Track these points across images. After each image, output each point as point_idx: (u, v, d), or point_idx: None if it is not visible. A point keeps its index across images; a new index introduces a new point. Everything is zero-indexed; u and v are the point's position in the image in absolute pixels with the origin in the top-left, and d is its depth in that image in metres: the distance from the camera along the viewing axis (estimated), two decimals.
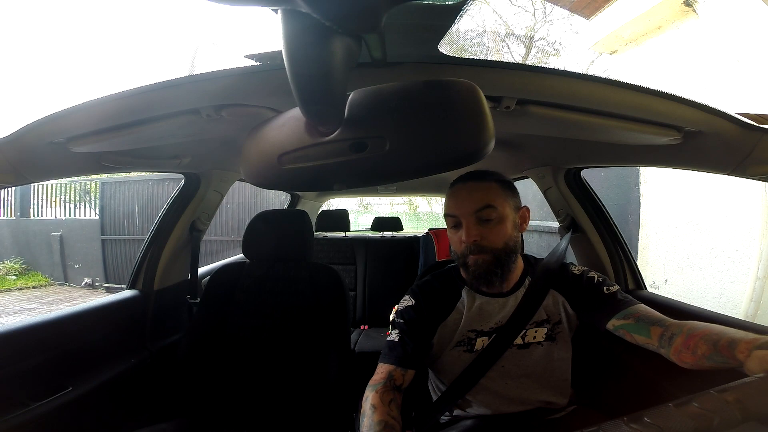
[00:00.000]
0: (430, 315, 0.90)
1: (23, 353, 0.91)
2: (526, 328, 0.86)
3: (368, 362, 0.97)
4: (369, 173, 0.44)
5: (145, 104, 0.70)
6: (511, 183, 0.90)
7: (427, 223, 11.07)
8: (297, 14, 0.29)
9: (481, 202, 0.83)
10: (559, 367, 0.88)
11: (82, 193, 7.01)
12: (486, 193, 0.84)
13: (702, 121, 0.68)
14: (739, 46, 2.59)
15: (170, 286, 1.37)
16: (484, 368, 0.85)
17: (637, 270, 1.27)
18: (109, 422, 1.05)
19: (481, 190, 0.84)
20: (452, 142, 0.40)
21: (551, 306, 0.88)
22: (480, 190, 0.84)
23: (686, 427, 0.37)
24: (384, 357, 0.86)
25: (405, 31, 0.53)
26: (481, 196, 0.83)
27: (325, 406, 1.08)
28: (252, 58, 0.61)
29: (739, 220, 2.56)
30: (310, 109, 0.40)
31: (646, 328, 0.74)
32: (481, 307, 0.89)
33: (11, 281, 6.64)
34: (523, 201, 0.91)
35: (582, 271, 0.90)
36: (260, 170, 0.48)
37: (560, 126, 0.79)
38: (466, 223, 0.83)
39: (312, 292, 1.18)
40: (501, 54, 8.50)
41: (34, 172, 0.82)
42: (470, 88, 0.41)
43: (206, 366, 1.14)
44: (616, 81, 0.65)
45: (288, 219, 1.30)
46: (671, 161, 0.90)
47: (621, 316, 0.79)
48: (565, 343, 0.89)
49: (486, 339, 0.87)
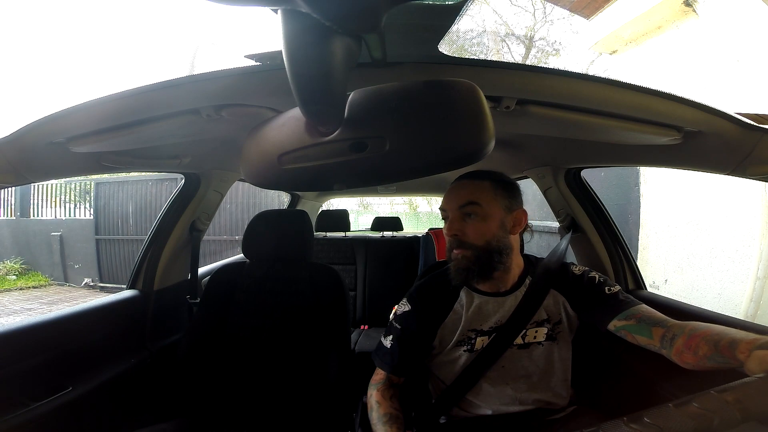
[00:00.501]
0: (429, 319, 0.90)
1: (23, 353, 0.91)
2: (526, 328, 0.86)
3: (368, 362, 0.98)
4: (369, 173, 0.44)
5: (145, 104, 0.70)
6: (511, 184, 0.89)
7: (427, 223, 11.06)
8: (297, 14, 0.29)
9: (465, 198, 0.85)
10: (559, 367, 0.88)
11: (81, 193, 7.02)
12: (473, 191, 0.86)
13: (702, 121, 0.68)
14: (739, 46, 2.59)
15: (170, 286, 1.37)
16: (484, 368, 0.85)
17: (637, 270, 1.27)
18: (109, 422, 1.05)
19: (470, 187, 0.86)
20: (452, 142, 0.40)
21: (552, 306, 0.88)
22: (468, 187, 0.87)
23: (686, 427, 0.37)
24: (379, 362, 0.94)
25: (405, 31, 0.53)
26: (467, 193, 0.86)
27: (325, 406, 1.07)
28: (252, 58, 0.61)
29: (739, 220, 2.56)
30: (310, 109, 0.40)
31: (648, 329, 0.74)
32: (479, 306, 0.89)
33: (11, 281, 6.64)
34: (523, 201, 0.91)
35: (583, 272, 0.90)
36: (260, 170, 0.48)
37: (560, 126, 0.79)
38: (450, 217, 0.87)
39: (312, 292, 1.18)
40: (501, 54, 8.50)
41: (34, 172, 0.82)
42: (470, 88, 0.41)
43: (206, 366, 1.14)
44: (616, 81, 0.65)
45: (288, 219, 1.30)
46: (671, 161, 0.90)
47: (623, 316, 0.78)
48: (565, 343, 0.89)
49: (486, 338, 0.87)
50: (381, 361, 0.93)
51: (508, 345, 0.85)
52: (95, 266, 6.64)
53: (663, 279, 3.08)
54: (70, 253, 6.80)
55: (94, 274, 6.66)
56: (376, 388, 0.89)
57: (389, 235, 2.83)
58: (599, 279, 0.88)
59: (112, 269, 6.58)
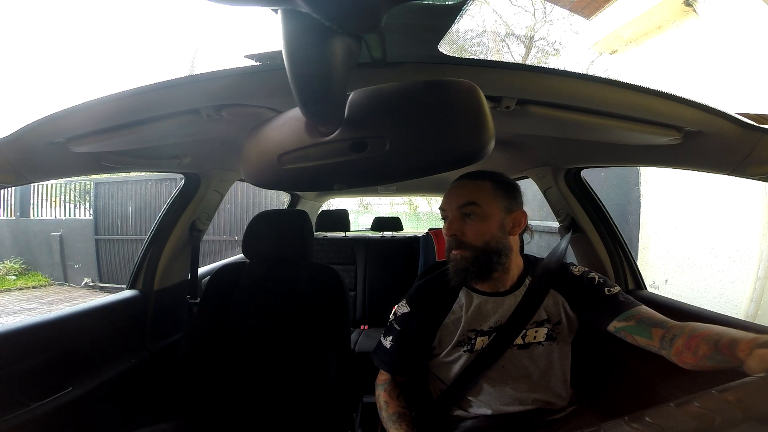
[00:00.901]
0: (428, 320, 0.91)
1: (23, 353, 0.91)
2: (526, 328, 0.86)
3: (368, 362, 0.98)
4: (369, 173, 0.44)
5: (145, 104, 0.70)
6: (511, 185, 0.89)
7: (427, 224, 11.06)
8: (297, 14, 0.29)
9: (465, 199, 0.85)
10: (559, 367, 0.88)
11: (81, 193, 7.02)
12: (473, 191, 0.86)
13: (702, 121, 0.68)
14: (739, 46, 2.59)
15: (170, 286, 1.37)
16: (484, 368, 0.85)
17: (637, 270, 1.27)
18: (109, 422, 1.05)
19: (470, 187, 0.86)
20: (452, 142, 0.40)
21: (551, 306, 0.88)
22: (468, 187, 0.87)
23: (688, 427, 0.36)
24: (378, 362, 0.96)
25: (405, 31, 0.53)
26: (467, 193, 0.86)
27: (325, 406, 1.07)
28: (252, 58, 0.61)
29: (740, 220, 2.56)
30: (310, 109, 0.40)
31: (648, 330, 0.73)
32: (479, 306, 0.89)
33: (11, 281, 6.64)
34: (523, 201, 0.91)
35: (582, 272, 0.90)
36: (260, 170, 0.48)
37: (560, 126, 0.79)
38: (450, 217, 0.87)
39: (312, 292, 1.18)
40: (501, 54, 8.50)
41: (34, 172, 0.82)
42: (470, 88, 0.41)
43: (206, 366, 1.14)
44: (616, 81, 0.65)
45: (288, 219, 1.30)
46: (671, 161, 0.90)
47: (622, 318, 0.78)
48: (565, 343, 0.89)
49: (486, 338, 0.87)
50: (380, 361, 0.95)
51: (508, 345, 0.85)
52: (95, 266, 6.65)
53: (663, 279, 3.08)
54: (70, 253, 6.81)
55: (93, 274, 6.67)
56: (383, 388, 0.94)
57: (389, 235, 2.83)
58: (599, 280, 0.88)
59: (112, 269, 6.60)
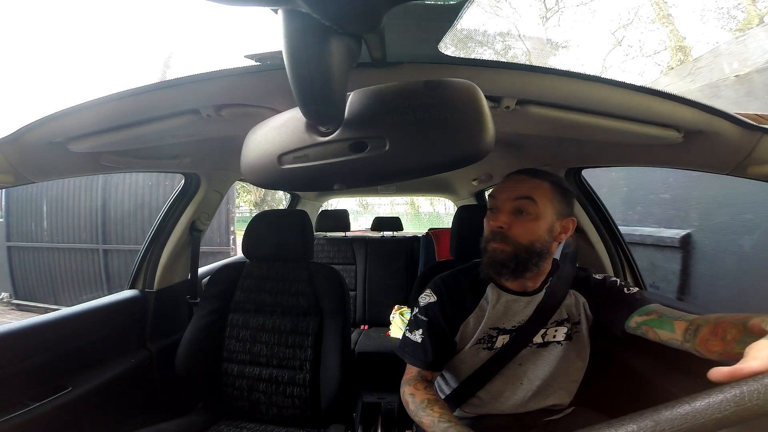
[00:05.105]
0: (453, 313, 0.87)
1: (23, 353, 0.91)
2: (547, 327, 0.85)
3: (368, 362, 0.97)
4: (369, 173, 0.43)
5: (144, 104, 0.70)
6: (568, 191, 0.86)
7: (428, 224, 11.06)
8: (297, 14, 0.29)
9: (522, 192, 0.82)
10: (572, 367, 0.87)
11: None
12: (532, 187, 0.82)
13: (702, 121, 0.68)
14: None
15: (170, 286, 1.38)
16: (501, 366, 0.85)
17: (638, 270, 1.27)
18: (109, 422, 1.05)
19: (529, 183, 0.83)
20: (452, 142, 0.40)
21: (572, 306, 0.88)
22: (528, 182, 0.83)
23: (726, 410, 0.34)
24: (410, 359, 0.87)
25: (405, 31, 0.53)
26: (525, 188, 0.82)
27: (325, 406, 1.08)
28: (252, 58, 0.61)
29: None
30: (310, 109, 0.40)
31: (670, 323, 0.70)
32: (507, 305, 0.87)
33: None
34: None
35: (604, 277, 0.90)
36: (260, 170, 0.48)
37: (560, 126, 0.79)
38: (501, 209, 0.83)
39: (312, 292, 1.18)
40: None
41: (34, 172, 0.82)
42: (470, 88, 0.40)
43: (206, 366, 1.14)
44: (616, 81, 0.65)
45: (288, 219, 1.30)
46: (671, 161, 0.90)
47: (643, 312, 0.76)
48: (582, 345, 0.88)
49: (507, 337, 0.86)
50: (412, 357, 0.86)
51: (527, 343, 0.85)
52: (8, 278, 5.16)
53: None
54: None
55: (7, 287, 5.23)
56: (409, 383, 0.84)
57: (389, 235, 2.83)
58: (620, 282, 0.87)
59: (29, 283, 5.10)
